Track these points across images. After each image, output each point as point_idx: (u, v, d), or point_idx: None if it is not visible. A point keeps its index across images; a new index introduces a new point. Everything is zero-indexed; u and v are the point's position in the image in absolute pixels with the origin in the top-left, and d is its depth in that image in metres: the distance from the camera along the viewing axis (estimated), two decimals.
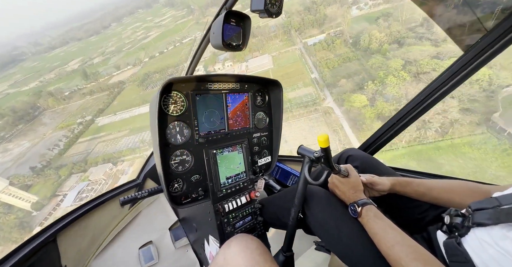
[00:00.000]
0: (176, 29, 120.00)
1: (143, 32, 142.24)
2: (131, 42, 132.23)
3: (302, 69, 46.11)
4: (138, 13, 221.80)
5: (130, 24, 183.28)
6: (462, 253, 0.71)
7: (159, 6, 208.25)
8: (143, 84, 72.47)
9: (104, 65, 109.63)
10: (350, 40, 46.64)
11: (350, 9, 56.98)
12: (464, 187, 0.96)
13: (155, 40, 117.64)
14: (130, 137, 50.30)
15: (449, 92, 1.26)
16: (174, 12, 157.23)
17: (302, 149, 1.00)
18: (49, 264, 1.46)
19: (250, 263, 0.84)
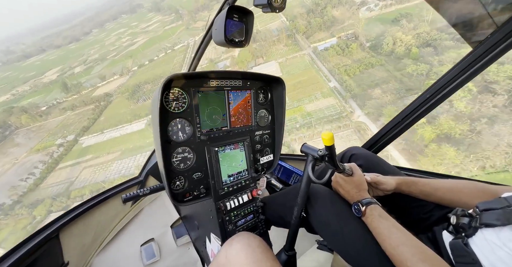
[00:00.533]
0: (165, 35, 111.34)
1: (129, 39, 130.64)
2: (116, 49, 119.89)
3: (316, 77, 40.42)
4: (122, 18, 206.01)
5: (113, 30, 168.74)
6: (469, 254, 0.69)
7: (144, 11, 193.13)
8: (134, 97, 62.44)
9: (87, 74, 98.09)
10: (367, 44, 41.74)
11: (359, 10, 52.44)
12: (472, 187, 0.94)
13: (142, 47, 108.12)
14: (122, 161, 41.15)
15: (457, 89, 1.23)
16: (161, 17, 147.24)
17: (306, 147, 0.99)
18: (52, 260, 1.47)
19: (252, 261, 0.83)
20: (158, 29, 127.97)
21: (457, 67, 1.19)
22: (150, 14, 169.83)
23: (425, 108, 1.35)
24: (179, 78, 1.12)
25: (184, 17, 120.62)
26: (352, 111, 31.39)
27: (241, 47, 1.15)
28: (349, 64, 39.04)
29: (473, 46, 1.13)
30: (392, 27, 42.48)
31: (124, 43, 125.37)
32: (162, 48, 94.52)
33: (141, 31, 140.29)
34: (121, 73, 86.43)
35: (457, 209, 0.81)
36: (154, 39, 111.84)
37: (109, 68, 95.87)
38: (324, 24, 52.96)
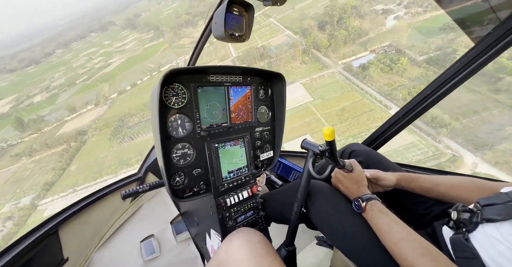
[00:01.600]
0: (146, 54, 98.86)
1: (102, 59, 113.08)
2: (87, 72, 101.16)
3: (364, 102, 32.02)
4: (91, 37, 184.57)
5: (82, 50, 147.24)
6: (470, 249, 0.70)
7: (117, 28, 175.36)
8: (117, 135, 46.27)
9: (51, 104, 77.67)
10: (420, 57, 34.83)
11: (385, 19, 47.87)
12: (471, 183, 0.95)
13: (120, 69, 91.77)
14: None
15: (458, 85, 1.22)
16: (138, 35, 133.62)
17: (306, 143, 0.99)
18: (51, 255, 1.47)
19: (252, 256, 0.83)
20: (136, 47, 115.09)
21: (458, 63, 1.18)
22: (125, 31, 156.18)
23: (425, 105, 1.34)
24: (178, 72, 1.11)
25: (165, 34, 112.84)
26: (457, 156, 20.00)
27: (241, 42, 1.12)
28: (405, 84, 30.60)
29: (475, 42, 1.12)
30: (447, 35, 35.38)
31: (97, 65, 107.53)
32: (146, 70, 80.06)
33: (116, 50, 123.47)
34: (96, 102, 68.13)
35: (458, 204, 0.82)
36: (134, 59, 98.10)
37: (80, 96, 76.55)
38: (349, 37, 45.94)
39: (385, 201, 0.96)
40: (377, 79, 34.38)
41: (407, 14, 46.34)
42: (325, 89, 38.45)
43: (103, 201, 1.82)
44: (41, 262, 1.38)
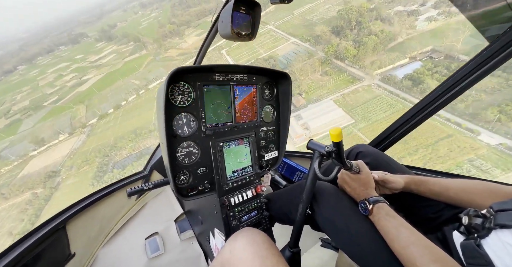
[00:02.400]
0: (128, 69, 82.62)
1: (75, 76, 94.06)
2: (57, 92, 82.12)
3: (433, 125, 23.42)
4: (61, 51, 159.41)
5: (50, 66, 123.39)
6: (482, 256, 0.67)
7: (91, 41, 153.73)
8: (102, 178, 32.49)
9: (11, 135, 60.11)
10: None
11: (416, 21, 41.09)
12: (484, 187, 0.91)
13: (98, 87, 75.29)
14: None
15: (471, 85, 1.18)
16: (116, 47, 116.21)
17: (312, 144, 0.98)
18: (59, 250, 1.50)
19: (257, 257, 0.82)
20: (115, 61, 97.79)
21: (472, 62, 1.14)
22: (100, 44, 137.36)
23: (436, 105, 1.30)
24: (185, 71, 1.11)
25: (148, 45, 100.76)
26: None
27: (248, 41, 1.13)
28: (482, 98, 23.61)
29: (490, 40, 1.08)
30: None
31: (69, 82, 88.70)
32: (131, 88, 64.68)
33: (91, 65, 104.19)
34: (71, 129, 51.33)
35: (469, 209, 0.79)
36: (114, 75, 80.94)
37: (49, 122, 58.79)
38: (380, 43, 38.55)
39: (393, 204, 0.94)
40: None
41: (441, 14, 39.91)
42: (367, 108, 29.64)
43: (109, 198, 1.85)
44: (49, 256, 1.41)
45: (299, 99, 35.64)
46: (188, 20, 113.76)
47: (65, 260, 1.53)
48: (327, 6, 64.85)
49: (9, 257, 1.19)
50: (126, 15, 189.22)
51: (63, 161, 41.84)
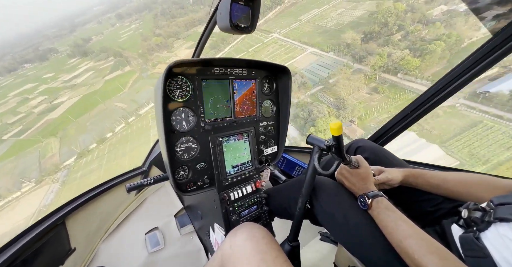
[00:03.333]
0: (110, 89, 66.99)
1: (45, 99, 74.52)
2: (21, 121, 62.85)
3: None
4: (26, 69, 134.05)
5: (12, 88, 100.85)
6: (480, 248, 0.68)
7: (63, 57, 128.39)
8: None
9: None
10: None
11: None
12: (483, 181, 0.91)
13: (74, 113, 57.50)
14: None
15: (472, 79, 1.16)
16: (93, 64, 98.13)
17: (312, 138, 0.97)
18: (59, 245, 1.51)
19: (256, 252, 0.82)
20: (94, 80, 79.76)
21: (474, 55, 1.12)
22: (73, 60, 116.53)
23: (436, 99, 1.29)
24: (183, 64, 1.09)
25: (131, 61, 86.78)
26: None
27: (247, 33, 1.11)
28: None
29: (493, 33, 1.06)
30: None
31: (37, 108, 69.41)
32: (118, 115, 47.66)
33: (64, 85, 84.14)
34: (39, 175, 34.16)
35: (469, 202, 0.79)
36: (93, 97, 64.52)
37: (9, 164, 41.43)
38: (449, 51, 30.24)
39: (391, 198, 0.94)
40: None
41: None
42: (468, 141, 20.10)
43: (108, 193, 1.85)
44: (50, 251, 1.42)
45: (353, 129, 24.15)
46: (176, 31, 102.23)
47: (65, 255, 1.54)
48: (339, 10, 57.47)
49: (10, 251, 1.19)
50: (101, 28, 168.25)
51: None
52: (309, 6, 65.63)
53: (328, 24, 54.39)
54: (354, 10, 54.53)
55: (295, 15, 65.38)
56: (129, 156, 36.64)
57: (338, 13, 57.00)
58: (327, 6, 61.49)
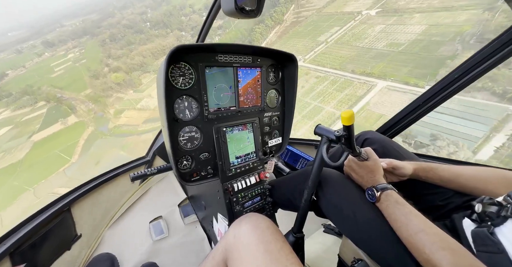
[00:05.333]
0: (42, 161, 41.69)
1: None
2: None
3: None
4: None
5: None
6: (495, 244, 0.65)
7: None
8: None
9: None
10: None
11: None
12: (498, 175, 0.87)
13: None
14: None
15: (492, 68, 1.10)
16: (9, 113, 62.71)
17: (320, 129, 0.93)
18: (65, 231, 1.54)
19: (261, 242, 0.81)
20: (11, 144, 48.23)
21: (494, 43, 1.05)
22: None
23: (451, 90, 1.23)
24: (186, 50, 1.05)
25: (78, 107, 58.35)
26: None
27: (253, 18, 1.02)
28: None
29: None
30: None
31: None
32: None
33: None
34: None
35: (484, 197, 0.77)
36: (13, 176, 39.63)
37: None
38: None
39: (400, 192, 0.91)
40: None
41: None
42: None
43: (113, 182, 1.88)
44: (56, 236, 1.45)
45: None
46: (141, 63, 74.40)
47: (72, 240, 1.58)
48: (377, 27, 45.33)
49: (17, 235, 1.22)
50: (23, 59, 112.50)
51: None
52: (321, 24, 54.79)
53: (377, 44, 40.69)
54: (403, 25, 41.68)
55: (307, 35, 52.95)
56: None
57: (378, 30, 44.66)
58: (353, 23, 49.85)
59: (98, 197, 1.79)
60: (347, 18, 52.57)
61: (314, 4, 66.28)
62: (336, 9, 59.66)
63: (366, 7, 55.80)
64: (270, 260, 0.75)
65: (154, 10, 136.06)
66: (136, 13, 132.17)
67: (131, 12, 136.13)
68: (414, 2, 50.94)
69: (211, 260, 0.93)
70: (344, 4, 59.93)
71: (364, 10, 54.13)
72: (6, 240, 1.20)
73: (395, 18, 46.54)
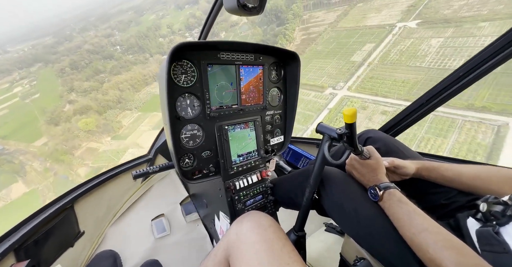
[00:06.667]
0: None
1: None
2: None
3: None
4: None
5: None
6: (500, 243, 0.64)
7: None
8: None
9: None
10: None
11: None
12: (503, 174, 0.86)
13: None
14: None
15: (499, 65, 1.08)
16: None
17: (322, 127, 0.93)
18: (68, 228, 1.55)
19: (263, 240, 0.81)
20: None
21: (495, 44, 1.03)
22: None
23: (455, 88, 1.20)
24: (188, 47, 1.04)
25: (27, 165, 38.84)
26: None
27: (255, 15, 1.02)
28: None
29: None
30: None
31: None
32: None
33: None
34: None
35: (489, 196, 0.76)
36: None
37: None
38: None
39: (403, 190, 0.90)
40: None
41: None
42: None
43: (115, 179, 1.89)
44: (59, 233, 1.47)
45: None
46: (117, 98, 54.20)
47: (75, 237, 1.60)
48: (433, 41, 35.75)
49: (21, 232, 1.23)
50: None
51: None
52: (345, 41, 44.55)
53: (452, 63, 30.34)
54: (472, 37, 32.86)
55: (332, 55, 42.42)
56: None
57: (437, 45, 35.01)
58: (391, 38, 40.27)
59: (101, 195, 1.80)
60: (379, 33, 42.94)
61: (322, 19, 58.91)
62: (355, 23, 51.23)
63: (395, 19, 45.83)
64: (272, 258, 0.74)
65: (123, 31, 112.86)
66: (101, 35, 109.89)
67: (94, 34, 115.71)
68: (466, 9, 40.93)
69: (213, 258, 0.93)
70: (363, 17, 51.78)
71: (396, 22, 44.29)
72: (11, 236, 1.22)
73: (452, 30, 36.68)
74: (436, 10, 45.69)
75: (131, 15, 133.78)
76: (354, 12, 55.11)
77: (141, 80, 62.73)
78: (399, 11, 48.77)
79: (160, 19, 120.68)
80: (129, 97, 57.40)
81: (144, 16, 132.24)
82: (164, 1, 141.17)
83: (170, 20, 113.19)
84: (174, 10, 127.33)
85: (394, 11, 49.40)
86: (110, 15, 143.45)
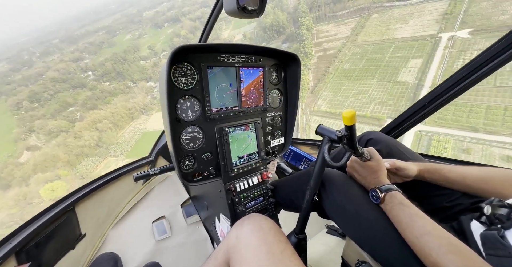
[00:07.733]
0: None
1: None
2: None
3: None
4: None
5: None
6: (505, 247, 0.63)
7: None
8: None
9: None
10: None
11: None
12: (507, 176, 0.85)
13: None
14: None
15: (503, 65, 1.07)
16: None
17: (322, 129, 0.92)
18: (70, 230, 1.56)
19: (263, 243, 0.80)
20: None
21: (496, 46, 1.03)
22: None
23: (457, 89, 1.19)
24: (188, 50, 1.05)
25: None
26: None
27: (255, 17, 1.03)
28: None
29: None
30: None
31: None
32: None
33: None
34: None
35: (493, 198, 0.74)
36: None
37: None
38: None
39: (405, 193, 0.89)
40: None
41: None
42: None
43: (116, 182, 1.90)
44: (61, 235, 1.47)
45: None
46: (96, 142, 39.12)
47: (76, 239, 1.60)
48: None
49: (22, 235, 1.23)
50: None
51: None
52: (376, 57, 36.74)
53: None
54: None
55: (366, 74, 36.03)
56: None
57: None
58: (443, 51, 33.27)
59: (102, 197, 1.80)
60: (419, 46, 36.56)
61: (334, 33, 52.17)
62: (380, 36, 44.51)
63: (433, 29, 38.97)
64: (273, 262, 0.74)
65: (94, 54, 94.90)
66: (68, 60, 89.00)
67: (59, 59, 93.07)
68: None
69: (214, 261, 0.93)
70: (387, 29, 45.50)
71: (438, 32, 37.52)
72: (12, 239, 1.22)
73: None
74: (486, 16, 38.03)
75: (102, 35, 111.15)
76: (372, 24, 48.35)
77: (126, 115, 46.45)
78: (432, 20, 41.74)
79: (137, 39, 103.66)
80: (109, 140, 41.44)
81: (117, 36, 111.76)
82: (138, 20, 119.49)
83: (150, 40, 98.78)
84: (152, 28, 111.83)
85: (426, 20, 42.36)
86: (76, 37, 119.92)
